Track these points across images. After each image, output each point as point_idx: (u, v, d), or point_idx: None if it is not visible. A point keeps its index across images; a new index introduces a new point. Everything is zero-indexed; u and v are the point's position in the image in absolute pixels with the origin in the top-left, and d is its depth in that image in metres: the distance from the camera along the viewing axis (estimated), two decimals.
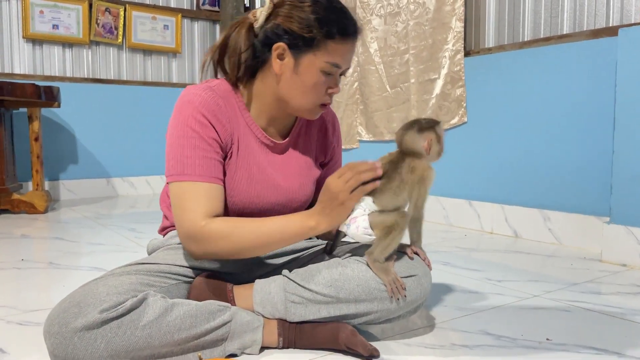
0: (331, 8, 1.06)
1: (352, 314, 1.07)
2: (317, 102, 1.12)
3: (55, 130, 3.66)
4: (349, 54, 1.10)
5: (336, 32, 1.05)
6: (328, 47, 1.06)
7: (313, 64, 1.07)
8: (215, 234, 1.03)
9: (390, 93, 2.88)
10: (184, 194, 1.04)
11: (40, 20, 3.55)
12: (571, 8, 2.14)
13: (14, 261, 1.91)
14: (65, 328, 0.89)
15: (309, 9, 1.05)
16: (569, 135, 2.14)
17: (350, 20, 1.08)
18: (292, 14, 1.06)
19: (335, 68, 1.09)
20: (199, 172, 1.05)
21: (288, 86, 1.10)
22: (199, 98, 1.08)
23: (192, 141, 1.05)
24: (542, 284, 1.61)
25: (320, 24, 1.04)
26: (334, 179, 1.04)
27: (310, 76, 1.08)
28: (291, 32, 1.06)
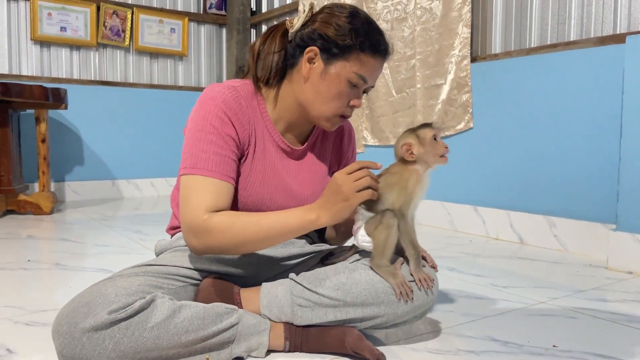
0: (368, 23, 1.10)
1: (359, 317, 1.07)
2: (337, 112, 1.13)
3: (62, 132, 3.68)
4: (376, 70, 1.12)
5: (369, 46, 1.08)
6: (359, 58, 1.09)
7: (342, 71, 1.09)
8: (216, 227, 1.02)
9: (396, 98, 2.88)
10: (192, 186, 1.05)
11: (49, 22, 3.57)
12: (578, 15, 2.15)
13: (20, 262, 1.92)
14: (74, 328, 0.90)
15: (346, 19, 1.09)
16: (576, 142, 2.14)
17: (383, 38, 1.11)
18: (330, 20, 1.10)
19: (361, 81, 1.10)
20: (211, 167, 1.05)
21: (313, 91, 1.11)
22: (222, 95, 1.09)
23: (209, 136, 1.06)
24: (548, 290, 1.61)
25: (355, 33, 1.07)
26: (342, 174, 1.04)
27: (336, 84, 1.10)
28: (326, 37, 1.09)
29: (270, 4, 4.08)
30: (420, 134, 1.11)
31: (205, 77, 4.29)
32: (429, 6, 2.65)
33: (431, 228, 2.72)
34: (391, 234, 1.08)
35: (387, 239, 1.08)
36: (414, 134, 1.11)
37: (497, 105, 2.44)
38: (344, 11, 1.10)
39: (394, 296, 1.07)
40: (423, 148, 1.10)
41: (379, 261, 1.08)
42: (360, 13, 1.11)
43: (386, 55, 1.13)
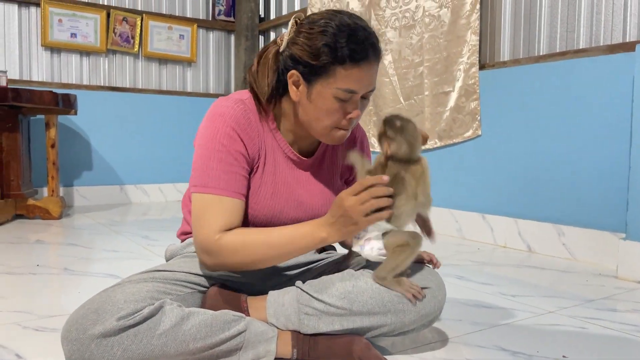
0: (341, 34, 1.02)
1: (366, 326, 1.07)
2: (332, 127, 1.09)
3: (71, 137, 3.70)
4: (365, 78, 1.05)
5: (346, 58, 1.02)
6: (338, 73, 1.03)
7: (326, 90, 1.05)
8: (227, 247, 1.03)
9: (404, 105, 2.88)
10: (204, 206, 1.05)
11: (59, 28, 3.61)
12: (588, 23, 2.14)
13: (29, 266, 1.93)
14: (83, 334, 0.90)
15: (318, 37, 1.03)
16: (585, 150, 2.13)
17: (361, 45, 1.03)
18: (303, 42, 1.05)
19: (349, 94, 1.05)
20: (222, 186, 1.05)
21: (304, 112, 1.10)
22: (230, 111, 1.09)
23: (219, 154, 1.06)
24: (557, 299, 1.60)
25: (328, 50, 1.02)
26: (349, 196, 1.00)
27: (322, 103, 1.06)
28: (302, 61, 1.06)
29: (278, 10, 4.10)
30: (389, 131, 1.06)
31: (213, 83, 4.31)
32: (437, 13, 2.65)
33: (439, 236, 2.71)
34: (412, 256, 1.06)
35: (405, 260, 1.06)
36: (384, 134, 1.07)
37: (505, 113, 2.43)
38: (316, 28, 1.04)
39: (401, 305, 1.07)
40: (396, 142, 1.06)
41: (385, 275, 1.07)
42: (331, 26, 1.03)
43: (372, 58, 1.05)
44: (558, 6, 2.24)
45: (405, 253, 1.06)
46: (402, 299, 1.07)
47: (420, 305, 1.08)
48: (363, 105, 1.10)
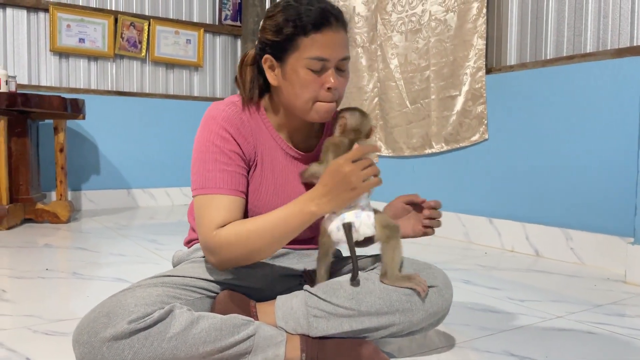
0: (299, 6, 1.05)
1: (375, 327, 1.07)
2: (312, 100, 1.09)
3: (79, 142, 3.73)
4: (332, 44, 1.06)
5: (308, 26, 1.04)
6: (303, 43, 1.05)
7: (297, 63, 1.07)
8: (224, 241, 1.05)
9: (410, 109, 2.89)
10: (203, 206, 1.08)
11: (67, 34, 3.64)
12: (595, 27, 2.14)
13: (38, 270, 1.95)
14: (95, 338, 0.91)
15: (278, 14, 1.07)
16: (593, 154, 2.13)
17: (323, 12, 1.05)
18: (266, 24, 1.10)
19: (320, 62, 1.06)
20: (219, 185, 1.08)
21: (285, 93, 1.11)
22: (222, 113, 1.12)
23: (213, 155, 1.09)
24: (565, 304, 1.59)
25: (292, 22, 1.05)
26: (347, 162, 1.01)
27: (297, 77, 1.07)
28: (269, 42, 1.09)
29: None
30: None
31: (220, 88, 4.33)
32: (443, 18, 2.66)
33: (446, 240, 2.70)
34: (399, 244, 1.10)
35: (400, 250, 1.09)
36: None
37: (512, 117, 2.43)
38: (277, 7, 1.09)
39: (409, 304, 1.07)
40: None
41: (393, 273, 1.08)
42: (290, 2, 1.07)
43: (335, 25, 1.06)
44: (565, 10, 2.24)
45: (399, 247, 1.09)
46: (410, 297, 1.08)
47: (428, 303, 1.09)
48: (341, 78, 1.11)
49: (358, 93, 3.20)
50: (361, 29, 3.14)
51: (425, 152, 2.84)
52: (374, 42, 3.07)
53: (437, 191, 2.82)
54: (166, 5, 4.07)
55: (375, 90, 3.10)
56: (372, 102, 3.12)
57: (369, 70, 3.12)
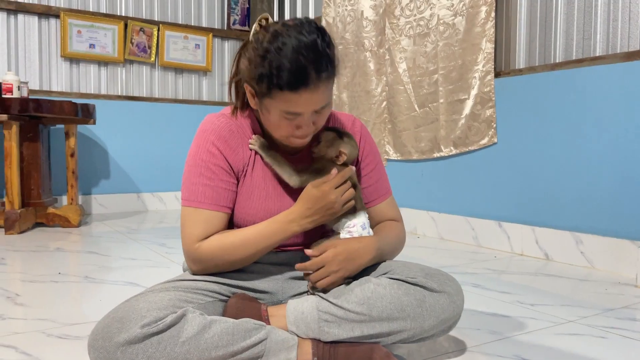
0: (279, 61, 1.00)
1: (386, 332, 1.08)
2: (288, 136, 1.11)
3: (89, 146, 3.76)
4: (307, 102, 1.04)
5: (283, 86, 1.01)
6: (279, 97, 1.03)
7: (271, 108, 1.06)
8: (207, 254, 1.11)
9: (418, 113, 2.89)
10: (186, 218, 1.14)
11: (78, 39, 3.67)
12: (604, 30, 2.13)
13: (51, 274, 1.97)
14: (109, 342, 0.92)
15: (259, 62, 1.03)
16: (603, 157, 2.12)
17: (300, 73, 1.00)
18: (247, 65, 1.07)
19: (292, 115, 1.06)
20: (200, 199, 1.13)
21: (263, 119, 1.13)
22: (212, 126, 1.15)
23: (199, 169, 1.13)
24: (576, 308, 1.59)
25: (268, 78, 1.02)
26: (332, 189, 1.10)
27: (272, 117, 1.08)
28: (248, 81, 1.08)
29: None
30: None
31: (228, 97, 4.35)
32: (451, 22, 2.66)
33: (455, 243, 2.70)
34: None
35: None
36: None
37: (521, 121, 2.43)
38: (258, 51, 1.03)
39: (420, 309, 1.08)
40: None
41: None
42: (271, 52, 1.01)
43: (314, 83, 1.02)
44: (574, 13, 2.24)
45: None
46: (422, 303, 1.08)
47: (439, 310, 1.09)
48: (319, 118, 1.10)
49: (366, 97, 3.20)
50: (369, 33, 3.15)
51: (433, 155, 2.84)
52: (382, 46, 3.08)
53: (445, 195, 2.82)
54: (175, 10, 4.10)
55: (384, 94, 3.11)
56: (380, 105, 3.13)
57: (377, 74, 3.13)
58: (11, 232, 2.81)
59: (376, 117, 3.15)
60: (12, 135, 2.82)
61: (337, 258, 1.11)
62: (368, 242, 1.16)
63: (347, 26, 3.30)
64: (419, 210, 2.97)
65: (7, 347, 1.24)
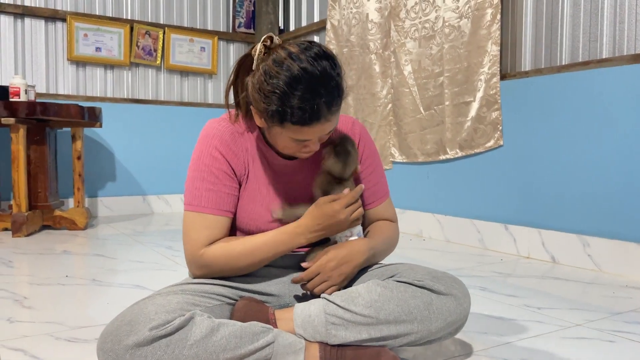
0: (290, 96, 1.00)
1: (393, 335, 1.08)
2: (294, 154, 1.14)
3: (95, 149, 3.77)
4: (317, 132, 1.05)
5: (295, 122, 1.02)
6: (289, 128, 1.04)
7: (279, 134, 1.08)
8: (212, 261, 1.13)
9: (424, 115, 2.89)
10: (189, 222, 1.14)
11: (84, 43, 3.69)
12: (611, 32, 2.13)
13: (58, 277, 1.98)
14: (118, 345, 0.93)
15: (268, 98, 1.02)
16: (609, 159, 2.11)
17: (311, 108, 1.00)
18: (254, 96, 1.06)
19: (301, 142, 1.08)
20: (203, 204, 1.14)
21: (269, 136, 1.14)
22: (213, 131, 1.17)
23: (202, 174, 1.14)
24: (584, 312, 1.58)
25: (279, 115, 1.02)
26: (342, 208, 1.12)
27: (279, 140, 1.10)
28: (257, 110, 1.08)
29: (298, 22, 4.14)
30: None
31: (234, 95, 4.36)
32: (457, 24, 2.66)
33: (461, 246, 2.70)
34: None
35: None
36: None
37: (527, 123, 2.42)
38: (267, 85, 1.02)
39: (427, 312, 1.08)
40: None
41: None
42: (281, 86, 1.00)
43: (324, 116, 1.03)
44: (580, 15, 2.23)
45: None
46: (429, 306, 1.09)
47: (446, 312, 1.09)
48: (326, 136, 1.12)
49: (372, 99, 3.21)
50: (374, 35, 3.15)
51: (439, 158, 2.84)
52: (388, 49, 3.08)
53: (451, 197, 2.82)
54: (181, 13, 4.11)
55: (389, 97, 3.11)
56: (385, 108, 3.13)
57: (383, 76, 3.13)
58: (18, 234, 2.83)
59: (381, 119, 3.15)
60: (19, 138, 2.84)
61: (329, 264, 1.14)
62: (360, 245, 1.18)
63: (352, 29, 3.31)
64: (424, 212, 2.97)
65: (16, 351, 1.24)
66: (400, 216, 3.11)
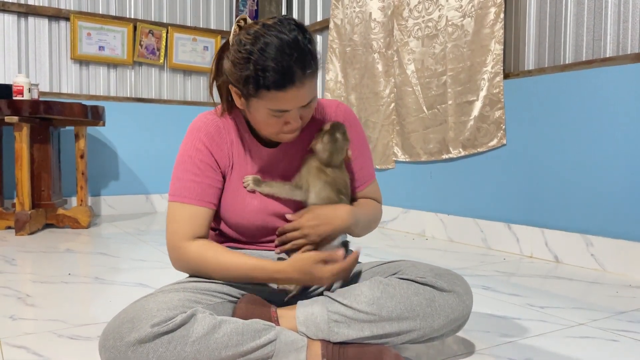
0: (263, 62, 1.01)
1: (395, 332, 1.07)
2: (277, 133, 1.13)
3: (99, 148, 3.78)
4: (294, 99, 1.05)
5: (271, 86, 1.02)
6: (266, 96, 1.04)
7: (259, 107, 1.07)
8: (190, 258, 1.13)
9: (427, 114, 2.88)
10: (172, 213, 1.15)
11: (88, 42, 3.70)
12: (614, 31, 2.12)
13: (61, 275, 1.98)
14: (120, 342, 0.93)
15: (242, 65, 1.04)
16: (613, 159, 2.10)
17: (285, 72, 1.01)
18: (231, 68, 1.07)
19: (280, 113, 1.07)
20: (185, 194, 1.14)
21: (250, 119, 1.14)
22: (200, 124, 1.18)
23: (185, 166, 1.16)
24: (587, 311, 1.58)
25: (254, 80, 1.03)
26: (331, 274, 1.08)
27: (260, 116, 1.09)
28: (234, 83, 1.09)
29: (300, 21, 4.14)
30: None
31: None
32: (460, 23, 2.65)
33: (464, 245, 2.69)
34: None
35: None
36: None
37: (530, 122, 2.42)
38: (241, 53, 1.04)
39: (429, 309, 1.08)
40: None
41: None
42: (254, 53, 1.02)
43: (300, 80, 1.03)
44: (584, 14, 2.23)
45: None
46: (431, 303, 1.09)
47: (449, 309, 1.09)
48: (306, 112, 1.11)
49: (374, 98, 3.20)
50: (377, 34, 3.15)
51: (442, 157, 2.83)
52: (391, 48, 3.07)
53: (454, 196, 2.81)
54: (184, 12, 4.12)
55: (392, 96, 3.10)
56: (388, 107, 3.13)
57: (386, 75, 3.13)
58: (21, 233, 2.83)
59: (384, 118, 3.15)
60: (22, 137, 2.84)
61: (310, 222, 1.14)
62: (343, 210, 1.17)
63: (355, 28, 3.30)
64: (427, 212, 2.97)
65: (19, 348, 1.24)
66: (403, 215, 3.10)
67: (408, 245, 2.68)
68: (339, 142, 1.16)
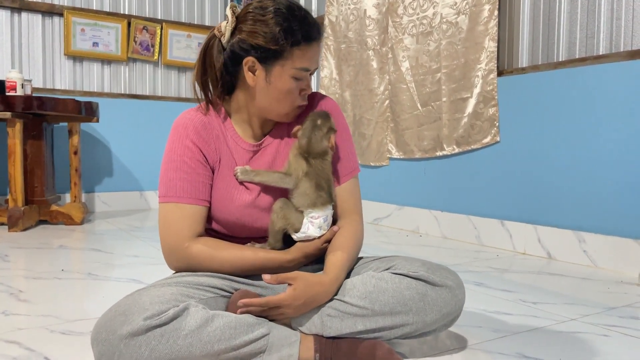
0: (293, 16, 1.10)
1: (388, 326, 1.08)
2: (293, 106, 1.17)
3: (92, 144, 3.77)
4: (316, 55, 1.15)
5: (301, 39, 1.10)
6: (295, 54, 1.11)
7: (284, 71, 1.12)
8: (196, 257, 1.13)
9: (421, 111, 2.89)
10: (168, 214, 1.14)
11: (82, 38, 3.68)
12: (608, 29, 2.13)
13: (54, 271, 1.97)
14: (112, 335, 0.93)
15: (272, 22, 1.09)
16: (606, 156, 2.12)
17: (312, 26, 1.12)
18: (256, 29, 1.10)
19: (305, 72, 1.14)
20: (179, 194, 1.13)
21: (264, 96, 1.15)
22: (186, 121, 1.18)
23: (175, 164, 1.15)
24: (579, 307, 1.59)
25: (285, 34, 1.09)
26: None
27: (282, 83, 1.13)
28: (258, 47, 1.10)
29: None
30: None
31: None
32: (454, 20, 2.66)
33: (457, 242, 2.70)
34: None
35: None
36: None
37: (524, 119, 2.43)
38: (268, 12, 1.10)
39: (422, 303, 1.08)
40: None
41: None
42: (282, 10, 1.10)
43: (319, 36, 1.14)
44: (577, 12, 2.24)
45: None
46: (424, 297, 1.09)
47: (441, 303, 1.10)
48: (310, 83, 1.19)
49: (369, 95, 3.21)
50: (372, 31, 3.15)
51: (436, 154, 2.84)
52: (385, 45, 3.08)
53: (448, 193, 2.82)
54: (178, 9, 4.11)
55: (386, 93, 3.11)
56: (383, 104, 3.13)
57: (380, 72, 3.13)
58: (14, 229, 2.82)
59: (379, 115, 3.15)
60: (15, 132, 2.83)
61: (294, 303, 1.05)
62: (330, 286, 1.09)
63: (350, 25, 3.30)
64: (421, 209, 2.98)
65: (11, 343, 1.24)
66: (397, 212, 3.11)
67: (402, 242, 2.69)
68: (317, 127, 1.17)
